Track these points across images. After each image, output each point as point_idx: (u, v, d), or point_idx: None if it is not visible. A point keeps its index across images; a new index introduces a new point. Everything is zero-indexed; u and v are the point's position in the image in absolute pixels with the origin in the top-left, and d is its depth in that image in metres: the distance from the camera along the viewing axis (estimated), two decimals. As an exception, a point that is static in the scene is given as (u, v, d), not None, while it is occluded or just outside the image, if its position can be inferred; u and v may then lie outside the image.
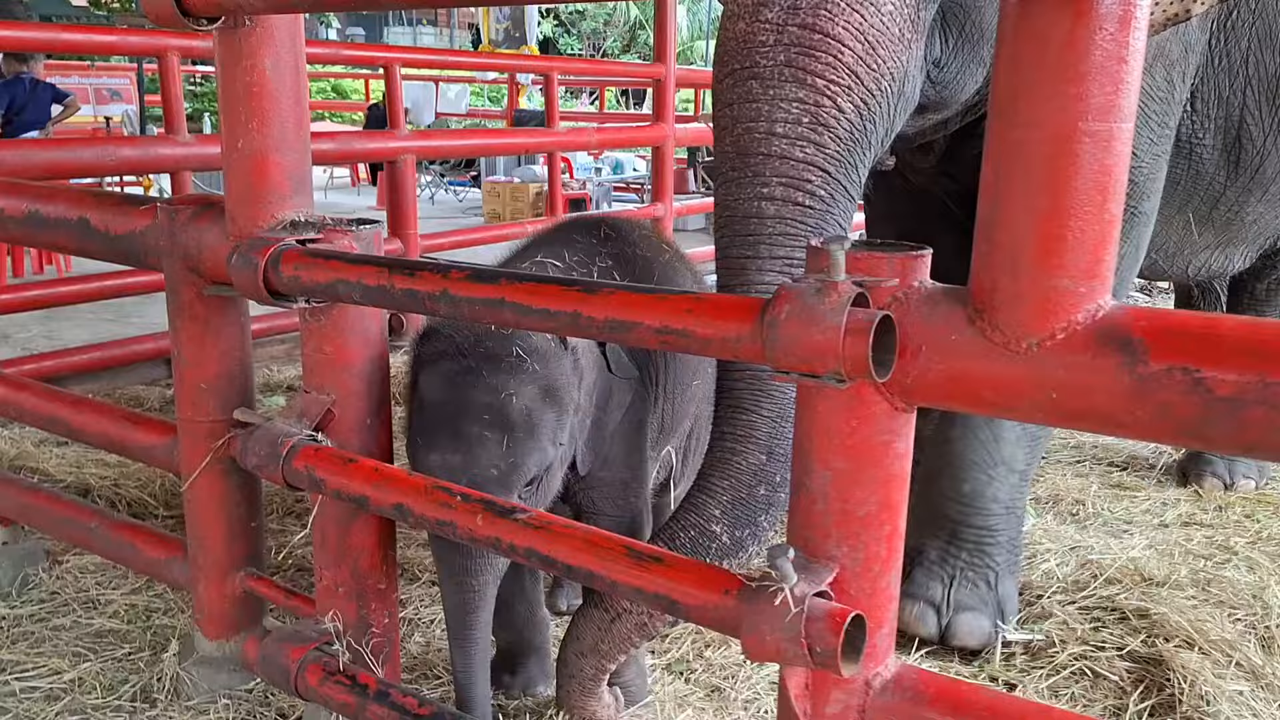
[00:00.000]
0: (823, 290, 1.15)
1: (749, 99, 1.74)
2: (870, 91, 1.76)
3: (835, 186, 1.75)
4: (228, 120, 1.77)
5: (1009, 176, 1.10)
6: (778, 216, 1.72)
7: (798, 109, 1.72)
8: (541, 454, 1.80)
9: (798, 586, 1.22)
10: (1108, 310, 1.09)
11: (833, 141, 1.73)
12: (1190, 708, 2.00)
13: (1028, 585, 2.63)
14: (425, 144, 5.31)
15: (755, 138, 1.72)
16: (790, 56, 1.72)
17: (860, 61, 1.74)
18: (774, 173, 1.72)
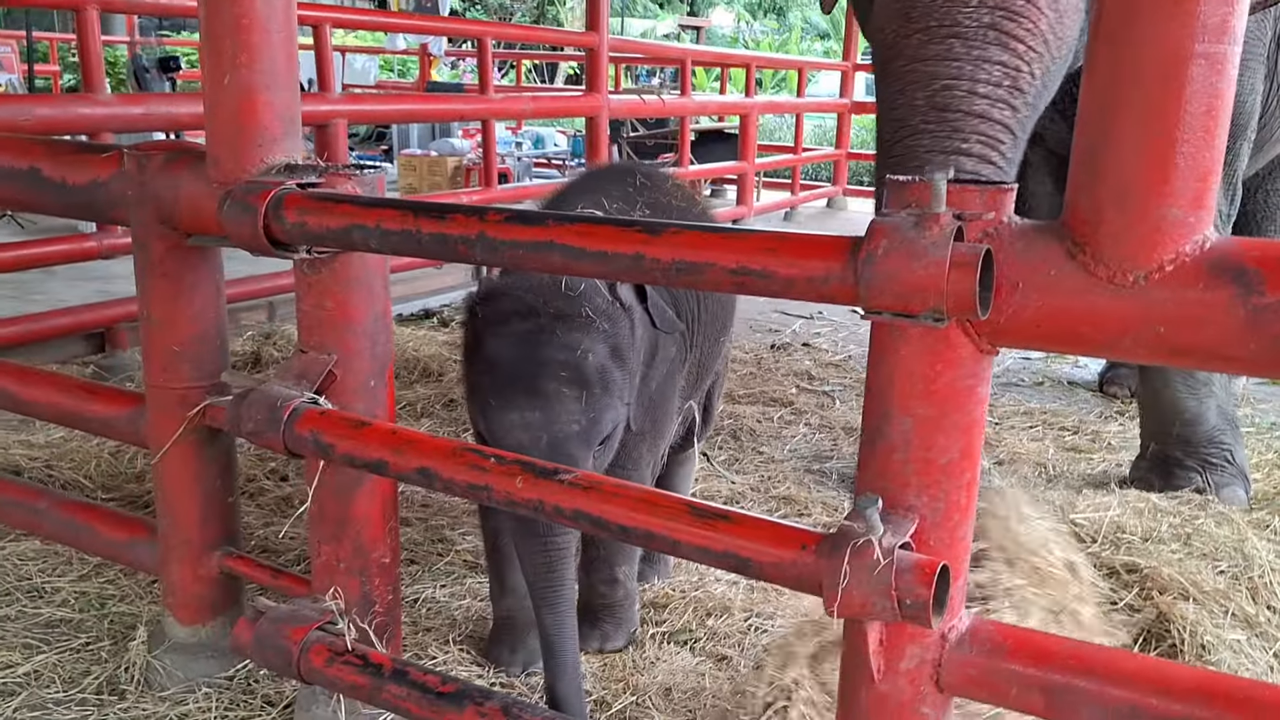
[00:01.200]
0: (922, 223, 1.08)
1: (950, 57, 1.78)
2: (1053, 58, 1.83)
3: (1015, 151, 1.82)
4: (212, 55, 1.62)
5: (1118, 101, 1.05)
6: (973, 173, 1.76)
7: (999, 72, 1.79)
8: (614, 411, 1.83)
9: (884, 538, 1.17)
10: (1214, 241, 1.06)
11: (1022, 106, 1.80)
12: (1193, 657, 2.02)
13: (1014, 543, 2.64)
14: (358, 108, 5.08)
15: (957, 95, 1.77)
16: (995, 19, 1.78)
17: (1051, 30, 1.80)
18: (973, 130, 1.77)
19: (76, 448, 3.09)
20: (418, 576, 2.49)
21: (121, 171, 1.76)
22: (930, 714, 1.29)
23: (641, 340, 1.92)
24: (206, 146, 1.68)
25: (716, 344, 2.32)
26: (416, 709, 1.57)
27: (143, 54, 8.93)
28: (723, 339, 2.34)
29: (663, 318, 1.97)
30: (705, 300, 2.25)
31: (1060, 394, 4.31)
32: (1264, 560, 2.39)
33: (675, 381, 2.12)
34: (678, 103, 7.26)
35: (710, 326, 2.26)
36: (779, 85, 17.44)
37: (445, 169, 10.34)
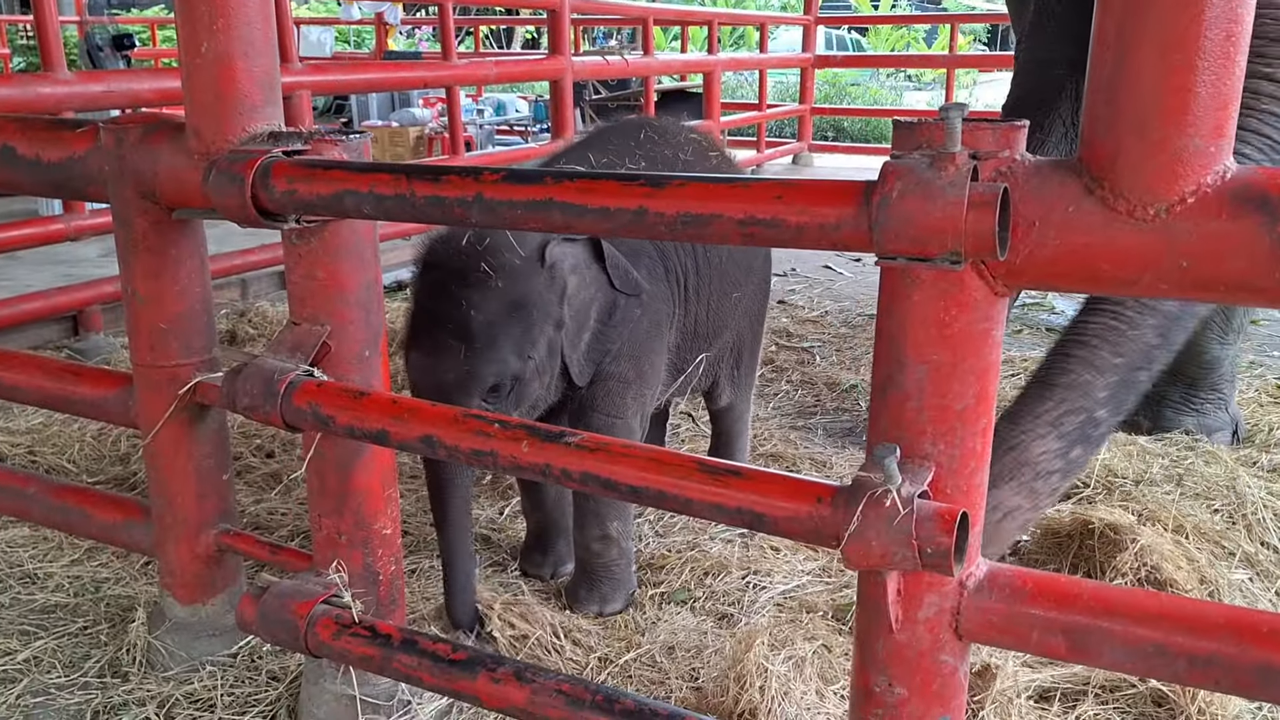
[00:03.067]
0: (937, 163, 1.06)
1: None
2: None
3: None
4: (188, 22, 1.57)
5: (1135, 30, 1.03)
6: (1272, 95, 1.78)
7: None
8: (501, 365, 1.93)
9: (903, 487, 1.16)
10: (1235, 171, 1.05)
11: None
12: (1202, 595, 2.04)
13: (1009, 490, 2.66)
14: (321, 78, 4.96)
15: None
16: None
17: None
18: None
19: (58, 432, 3.04)
20: (413, 548, 2.47)
21: (98, 146, 1.70)
22: (949, 661, 1.29)
23: (590, 298, 2.02)
24: (186, 117, 1.63)
25: (727, 300, 2.30)
26: (429, 678, 1.56)
27: (95, 32, 8.69)
28: (735, 294, 2.32)
29: (623, 279, 2.03)
30: (708, 255, 2.24)
31: (1039, 341, 4.33)
32: (1256, 497, 2.42)
33: (661, 336, 2.14)
34: (641, 62, 7.18)
35: (717, 282, 2.25)
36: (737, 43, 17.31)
37: (407, 139, 10.20)
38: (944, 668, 1.29)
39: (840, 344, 4.29)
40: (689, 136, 2.31)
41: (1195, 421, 3.01)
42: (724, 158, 2.40)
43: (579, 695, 1.44)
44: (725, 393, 2.58)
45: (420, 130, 9.93)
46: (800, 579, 2.34)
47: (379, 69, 6.57)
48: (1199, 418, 3.02)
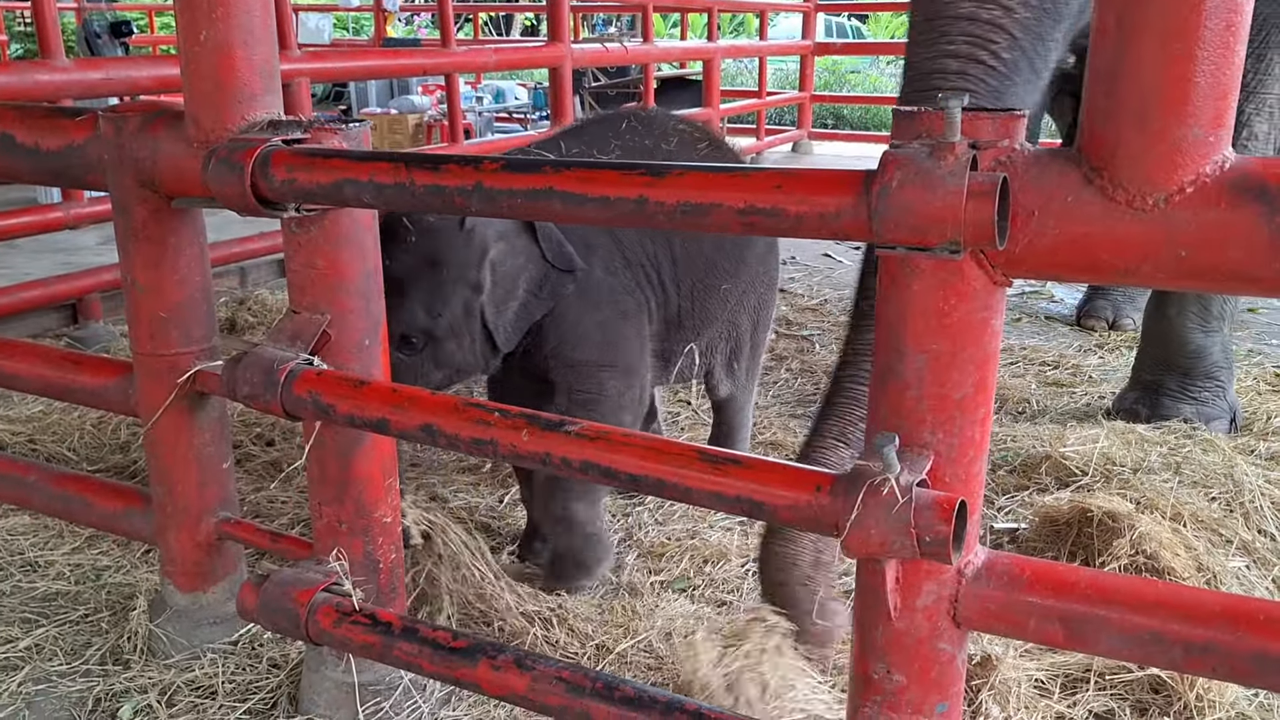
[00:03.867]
0: (936, 153, 1.07)
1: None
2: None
3: (1018, 53, 1.71)
4: (188, 9, 1.56)
5: (1135, 20, 1.03)
6: (960, 73, 1.69)
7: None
8: (409, 317, 2.02)
9: (902, 476, 1.16)
10: (1233, 161, 1.05)
11: (1021, 7, 1.70)
12: (1199, 583, 2.05)
13: (1008, 481, 2.67)
14: (320, 65, 4.95)
15: (940, 2, 1.70)
16: None
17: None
18: (960, 31, 1.70)
19: (58, 420, 3.04)
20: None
21: (97, 135, 1.70)
22: (947, 649, 1.29)
23: (518, 267, 2.09)
24: (185, 105, 1.63)
25: (714, 292, 2.30)
26: (430, 665, 1.56)
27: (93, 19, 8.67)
28: (727, 286, 2.32)
29: (556, 252, 2.10)
30: (687, 246, 2.24)
31: (1038, 329, 4.34)
32: (1253, 485, 2.43)
33: (631, 324, 2.19)
34: (641, 50, 7.16)
35: (701, 273, 2.25)
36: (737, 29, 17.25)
37: (406, 127, 10.18)
38: (942, 655, 1.30)
39: (839, 332, 4.28)
40: (675, 127, 2.32)
41: (1193, 410, 3.02)
42: (716, 147, 2.39)
43: (579, 682, 1.45)
44: (723, 385, 2.60)
45: (419, 117, 9.90)
46: (799, 567, 2.34)
47: (378, 56, 6.54)
48: (1197, 406, 3.03)
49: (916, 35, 1.76)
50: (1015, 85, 1.72)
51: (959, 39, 1.69)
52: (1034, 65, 1.75)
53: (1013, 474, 2.73)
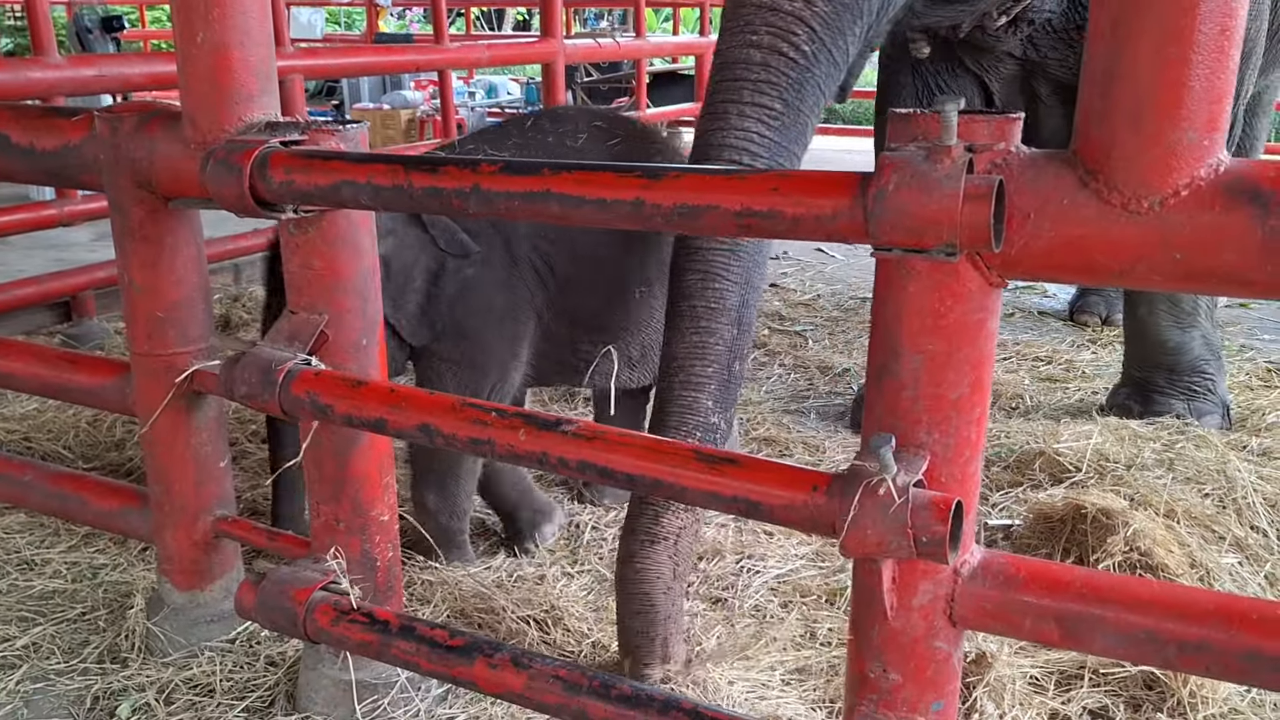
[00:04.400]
0: (933, 155, 1.07)
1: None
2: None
3: (819, 46, 1.77)
4: (184, 11, 1.56)
5: (1131, 25, 1.04)
6: (763, 64, 1.74)
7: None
8: None
9: (898, 476, 1.17)
10: (1228, 164, 1.05)
11: (821, 1, 1.75)
12: (1192, 580, 2.06)
13: (1002, 477, 2.68)
14: (313, 63, 4.94)
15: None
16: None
17: None
18: (763, 22, 1.74)
19: (53, 419, 3.04)
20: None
21: (93, 135, 1.70)
22: (943, 648, 1.30)
23: (412, 260, 2.12)
24: (182, 106, 1.63)
25: (623, 290, 2.32)
26: (427, 663, 1.57)
27: (84, 14, 8.63)
28: (643, 289, 2.32)
29: (448, 239, 2.15)
30: (592, 246, 2.25)
31: (1031, 324, 4.35)
32: (1246, 481, 2.45)
33: (509, 322, 2.24)
34: (633, 45, 7.15)
35: (600, 267, 2.28)
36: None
37: (399, 122, 10.17)
38: (938, 654, 1.31)
39: (833, 327, 4.30)
40: (590, 124, 2.32)
41: (1184, 405, 3.04)
42: (636, 143, 2.33)
43: (575, 680, 1.46)
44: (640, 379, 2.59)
45: (412, 113, 9.89)
46: (794, 563, 2.36)
47: (371, 53, 6.54)
48: (1188, 401, 3.05)
49: (724, 24, 1.81)
50: (814, 73, 1.79)
51: (762, 30, 1.75)
52: (834, 57, 1.81)
53: (1007, 470, 2.74)
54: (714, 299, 1.76)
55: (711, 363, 1.77)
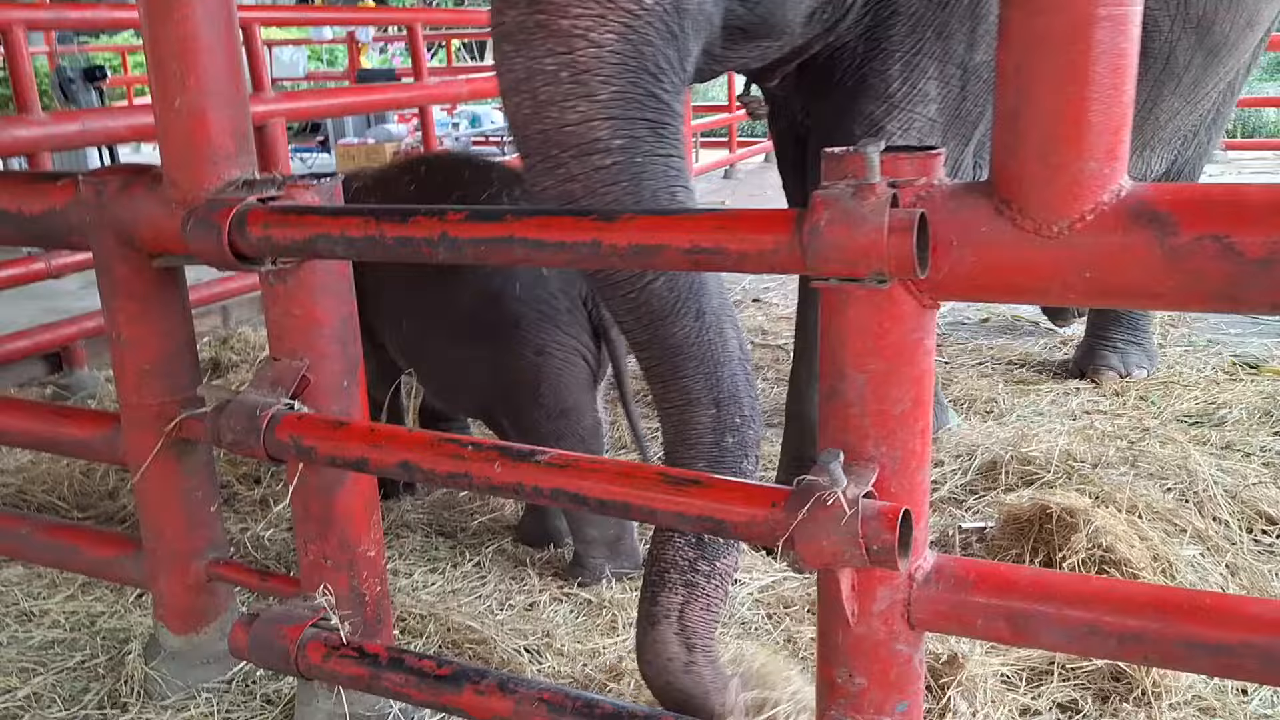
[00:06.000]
0: (859, 193, 1.16)
1: (507, 67, 1.57)
2: (632, 13, 1.59)
3: (632, 127, 1.59)
4: (160, 79, 1.65)
5: (1031, 64, 1.12)
6: (588, 192, 1.56)
7: (552, 63, 1.55)
8: None
9: (848, 489, 1.25)
10: (1130, 189, 1.14)
11: (604, 84, 1.57)
12: (1153, 572, 2.14)
13: (975, 481, 2.76)
14: (294, 105, 5.04)
15: (524, 115, 1.57)
16: (532, 7, 1.53)
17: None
18: (560, 149, 1.57)
19: (47, 470, 3.10)
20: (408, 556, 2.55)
21: (78, 198, 1.78)
22: (904, 650, 1.38)
23: None
24: (162, 168, 1.71)
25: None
26: (417, 694, 1.64)
27: (66, 64, 8.73)
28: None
29: None
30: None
31: (1004, 329, 4.45)
32: (1207, 475, 2.53)
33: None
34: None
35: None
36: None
37: (383, 155, 10.26)
38: (900, 656, 1.38)
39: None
40: (469, 170, 2.49)
41: (1119, 359, 3.54)
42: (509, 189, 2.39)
43: (559, 702, 1.53)
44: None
45: (396, 146, 10.00)
46: (777, 575, 2.43)
47: (351, 94, 6.64)
48: (1121, 355, 3.52)
49: (521, 156, 1.69)
50: (641, 153, 1.62)
51: (566, 159, 1.61)
52: (653, 122, 1.64)
53: (981, 474, 2.82)
54: (679, 395, 1.71)
55: (694, 446, 1.72)
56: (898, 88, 2.26)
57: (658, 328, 1.66)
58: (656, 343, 1.66)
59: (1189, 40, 2.68)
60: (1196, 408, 3.26)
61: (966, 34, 2.24)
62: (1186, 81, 2.81)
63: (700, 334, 1.66)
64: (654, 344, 1.66)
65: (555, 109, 1.57)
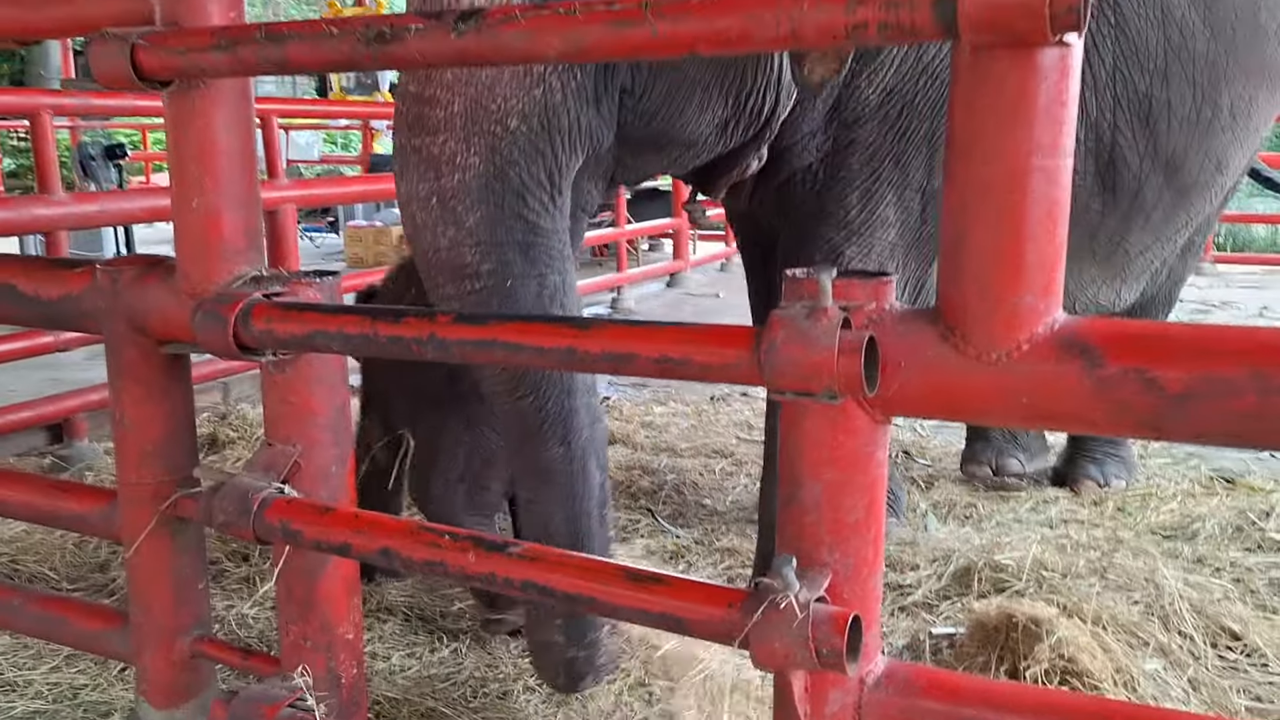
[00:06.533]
0: (813, 315, 1.26)
1: (397, 189, 1.77)
2: (496, 136, 1.69)
3: (500, 251, 1.70)
4: (179, 179, 1.76)
5: (973, 207, 1.24)
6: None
7: (424, 189, 1.69)
8: None
9: (801, 593, 1.32)
10: (1063, 322, 1.24)
11: (469, 210, 1.68)
12: (1115, 684, 2.18)
13: (949, 587, 2.81)
14: (306, 193, 5.22)
15: (408, 236, 1.75)
16: (411, 133, 1.68)
17: (478, 107, 1.68)
18: (436, 271, 1.71)
19: (41, 540, 3.16)
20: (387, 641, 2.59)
21: (94, 285, 1.88)
22: (856, 751, 1.43)
23: None
24: (176, 261, 1.81)
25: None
26: (388, 776, 1.68)
27: (88, 142, 9.01)
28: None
29: None
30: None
31: (992, 436, 4.52)
32: (1173, 589, 2.58)
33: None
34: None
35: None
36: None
37: (391, 238, 10.51)
38: (851, 758, 1.43)
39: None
40: None
41: (1099, 470, 3.58)
42: None
43: (524, 788, 1.57)
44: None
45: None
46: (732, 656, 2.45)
47: (360, 182, 6.86)
48: (1100, 466, 3.56)
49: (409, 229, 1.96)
50: (515, 272, 1.78)
51: (441, 280, 1.88)
52: (526, 242, 1.78)
53: (955, 579, 2.87)
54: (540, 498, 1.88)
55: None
56: (856, 214, 2.36)
57: (524, 446, 1.76)
58: (523, 460, 1.77)
59: (1158, 179, 2.74)
60: (1172, 520, 3.32)
61: (924, 161, 2.37)
62: (1156, 218, 2.87)
63: (565, 464, 1.76)
64: (521, 460, 1.77)
65: (429, 234, 1.72)
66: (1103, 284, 3.12)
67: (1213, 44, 2.65)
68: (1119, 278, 3.12)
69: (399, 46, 1.42)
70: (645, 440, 4.36)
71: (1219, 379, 1.12)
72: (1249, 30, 2.74)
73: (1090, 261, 2.96)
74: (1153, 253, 3.07)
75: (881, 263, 2.36)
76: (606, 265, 9.38)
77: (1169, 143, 2.68)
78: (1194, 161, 2.78)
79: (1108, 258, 2.96)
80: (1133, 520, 3.35)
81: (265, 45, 1.52)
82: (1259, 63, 2.81)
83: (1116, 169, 2.67)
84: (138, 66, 1.63)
